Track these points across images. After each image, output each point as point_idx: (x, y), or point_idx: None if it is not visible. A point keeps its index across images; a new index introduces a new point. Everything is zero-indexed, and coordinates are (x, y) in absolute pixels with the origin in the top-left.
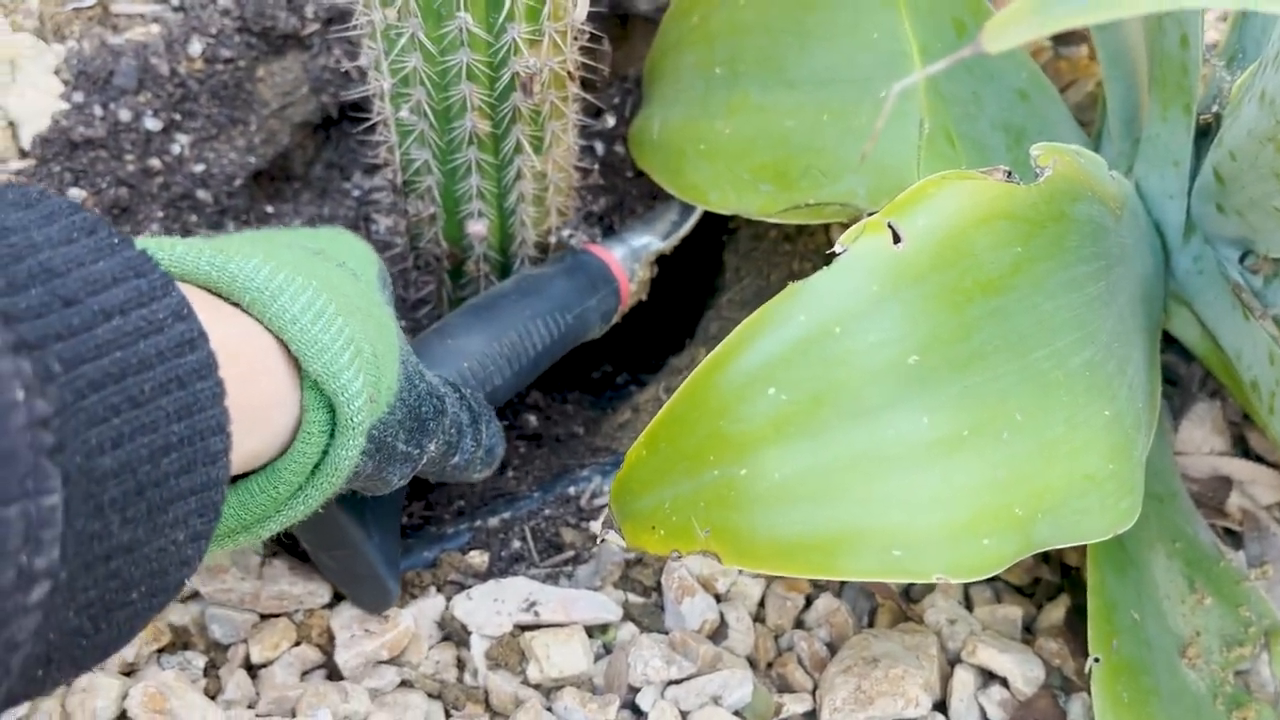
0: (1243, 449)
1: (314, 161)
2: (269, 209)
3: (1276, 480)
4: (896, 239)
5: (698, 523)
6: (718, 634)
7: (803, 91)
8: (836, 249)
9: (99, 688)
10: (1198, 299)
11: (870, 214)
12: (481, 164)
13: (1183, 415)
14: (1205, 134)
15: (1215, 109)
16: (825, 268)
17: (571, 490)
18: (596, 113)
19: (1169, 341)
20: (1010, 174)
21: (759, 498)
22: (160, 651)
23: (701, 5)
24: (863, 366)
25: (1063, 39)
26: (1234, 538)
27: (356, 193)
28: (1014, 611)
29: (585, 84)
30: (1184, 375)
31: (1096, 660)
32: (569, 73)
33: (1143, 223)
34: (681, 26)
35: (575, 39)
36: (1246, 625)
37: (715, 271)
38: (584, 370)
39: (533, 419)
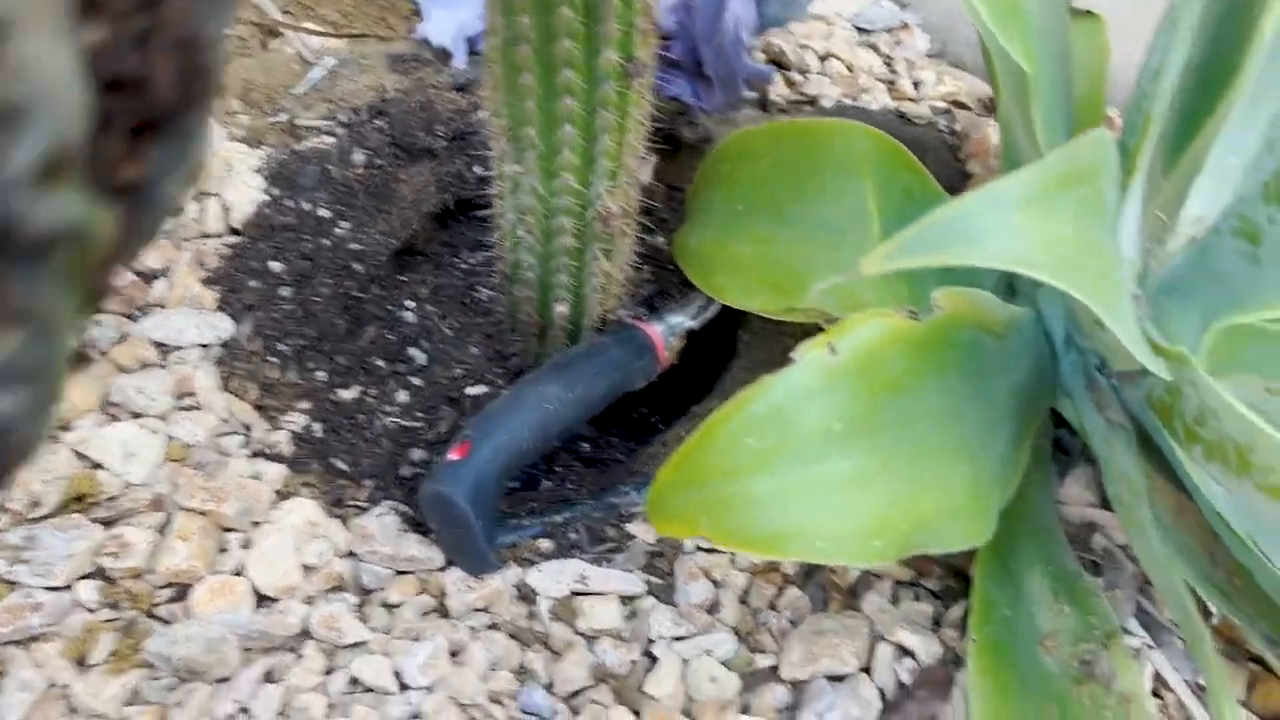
0: (1106, 502)
1: (432, 241)
2: (402, 278)
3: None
4: (833, 351)
5: (701, 518)
6: (713, 609)
7: (797, 230)
8: (794, 355)
9: (291, 610)
10: (1073, 393)
11: (834, 319)
12: (568, 266)
13: (1066, 475)
14: None
15: None
16: (786, 367)
17: (615, 500)
18: (650, 231)
19: (1063, 422)
20: (913, 313)
21: (742, 505)
22: (329, 590)
23: (731, 160)
24: (808, 429)
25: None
26: (1097, 568)
27: (464, 266)
28: (926, 608)
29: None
30: (1070, 445)
31: (974, 640)
32: (632, 209)
33: (1037, 337)
34: (718, 171)
35: (637, 188)
36: (1092, 628)
37: (731, 344)
38: (626, 413)
39: (586, 446)
